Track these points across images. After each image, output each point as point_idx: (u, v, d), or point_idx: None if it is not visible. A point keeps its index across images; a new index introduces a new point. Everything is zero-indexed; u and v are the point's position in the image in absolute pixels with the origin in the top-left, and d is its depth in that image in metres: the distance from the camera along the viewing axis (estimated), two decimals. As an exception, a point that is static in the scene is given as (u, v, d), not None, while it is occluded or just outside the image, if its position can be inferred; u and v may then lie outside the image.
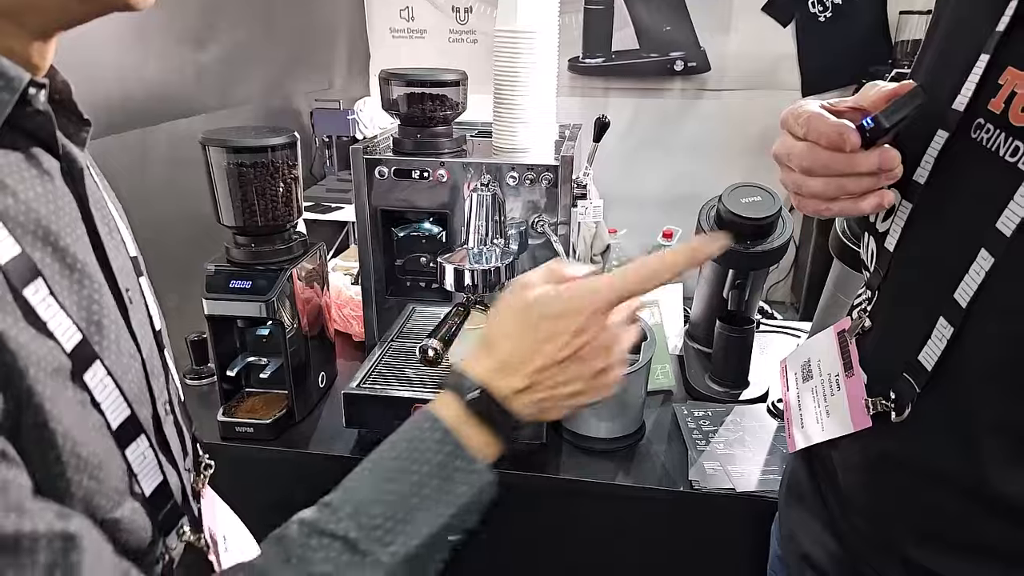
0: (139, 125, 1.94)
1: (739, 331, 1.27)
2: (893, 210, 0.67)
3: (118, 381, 0.52)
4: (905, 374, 0.62)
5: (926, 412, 0.61)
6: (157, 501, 0.58)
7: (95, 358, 0.50)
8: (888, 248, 0.67)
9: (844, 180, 0.63)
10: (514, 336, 0.60)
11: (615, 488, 1.09)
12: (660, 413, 1.28)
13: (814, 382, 0.78)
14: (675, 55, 2.96)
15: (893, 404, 0.64)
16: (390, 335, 1.32)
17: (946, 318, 0.58)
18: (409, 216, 1.27)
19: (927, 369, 0.60)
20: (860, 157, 0.61)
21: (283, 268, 1.17)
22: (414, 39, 3.38)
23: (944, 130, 0.61)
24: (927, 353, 0.60)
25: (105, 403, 0.51)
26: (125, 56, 1.89)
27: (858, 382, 0.70)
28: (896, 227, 0.67)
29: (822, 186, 0.64)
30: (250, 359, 1.23)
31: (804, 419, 0.78)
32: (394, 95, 1.21)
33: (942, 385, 0.59)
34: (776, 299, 3.30)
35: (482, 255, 1.14)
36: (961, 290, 0.57)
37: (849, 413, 0.69)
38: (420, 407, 0.60)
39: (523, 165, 1.17)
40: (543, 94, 1.23)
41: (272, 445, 1.18)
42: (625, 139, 3.14)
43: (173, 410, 0.64)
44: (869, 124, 0.60)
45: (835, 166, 0.63)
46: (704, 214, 1.28)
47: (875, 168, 0.61)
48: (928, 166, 0.63)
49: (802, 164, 0.64)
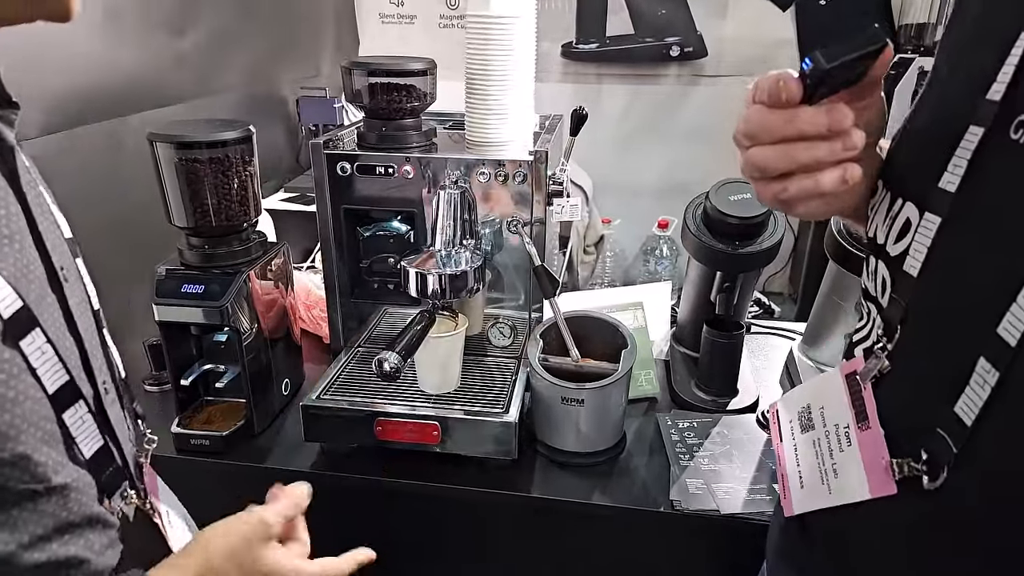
0: (113, 115, 1.87)
1: (727, 337, 1.19)
2: (909, 227, 0.56)
3: (58, 350, 0.54)
4: (939, 430, 0.51)
5: (963, 477, 0.50)
6: (99, 463, 0.59)
7: (35, 325, 0.51)
8: (910, 273, 0.55)
9: (792, 147, 0.54)
10: None
11: (590, 508, 1.02)
12: (643, 423, 1.21)
13: (816, 433, 0.66)
14: (671, 40, 2.87)
15: (925, 466, 0.52)
16: (358, 340, 1.25)
17: (988, 359, 0.47)
18: (375, 215, 1.20)
19: (966, 424, 0.49)
20: (802, 112, 0.52)
21: (239, 271, 1.10)
22: (403, 24, 3.29)
23: (978, 126, 0.50)
24: (965, 404, 0.49)
25: (42, 369, 0.52)
26: (97, 43, 1.80)
27: (876, 437, 0.58)
28: (919, 247, 0.54)
29: (769, 155, 0.55)
30: (207, 367, 1.16)
31: (804, 478, 0.67)
32: (356, 86, 1.13)
33: (984, 444, 0.48)
34: (773, 290, 3.22)
35: (450, 258, 1.07)
36: (1007, 324, 0.46)
37: (865, 474, 0.58)
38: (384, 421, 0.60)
39: (494, 161, 1.09)
40: (519, 85, 1.15)
41: (228, 459, 1.11)
42: (619, 126, 3.05)
43: (116, 387, 0.66)
44: (807, 65, 0.50)
45: (776, 127, 0.53)
46: (690, 212, 1.20)
47: (823, 127, 0.52)
48: (959, 171, 0.51)
49: (748, 130, 0.55)
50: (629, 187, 3.07)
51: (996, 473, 0.49)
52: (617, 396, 1.08)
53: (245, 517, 0.67)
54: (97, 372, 0.61)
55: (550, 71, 3.03)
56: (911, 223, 0.56)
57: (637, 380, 1.25)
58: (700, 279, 1.25)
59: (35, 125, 1.28)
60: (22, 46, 1.11)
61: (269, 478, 1.13)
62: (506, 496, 1.05)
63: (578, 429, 1.08)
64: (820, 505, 0.63)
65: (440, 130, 1.28)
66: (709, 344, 1.20)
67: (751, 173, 0.58)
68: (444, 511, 1.11)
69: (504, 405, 1.07)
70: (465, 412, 1.05)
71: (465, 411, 1.06)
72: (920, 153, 0.55)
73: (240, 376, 1.13)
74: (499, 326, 1.20)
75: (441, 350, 1.08)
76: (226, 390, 1.14)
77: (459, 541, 1.14)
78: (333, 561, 0.74)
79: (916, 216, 0.55)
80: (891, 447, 0.57)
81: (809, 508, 0.65)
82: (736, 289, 1.20)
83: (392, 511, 1.13)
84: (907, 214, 0.57)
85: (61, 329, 0.56)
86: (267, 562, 0.66)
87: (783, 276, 3.28)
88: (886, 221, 0.59)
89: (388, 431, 1.05)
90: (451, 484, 1.06)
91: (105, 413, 0.62)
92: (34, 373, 0.51)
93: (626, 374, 1.06)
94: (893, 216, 0.58)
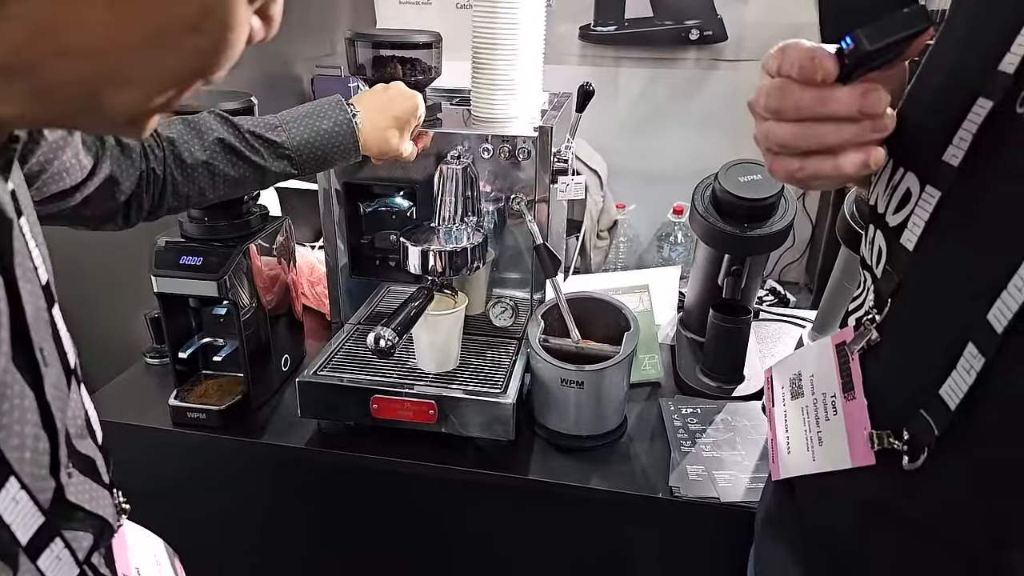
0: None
1: (734, 321, 1.16)
2: (909, 198, 0.53)
3: (32, 492, 0.45)
4: (922, 410, 0.49)
5: (944, 460, 0.49)
6: None
7: (10, 474, 0.43)
8: (906, 246, 0.53)
9: (819, 126, 0.51)
10: None
11: (586, 491, 1.00)
12: (645, 407, 1.18)
13: (805, 400, 0.65)
14: (690, 23, 2.81)
15: (906, 446, 0.51)
16: (359, 316, 1.23)
17: (976, 345, 0.45)
18: (377, 190, 1.18)
19: (949, 408, 0.47)
20: (837, 93, 0.49)
21: (238, 244, 1.08)
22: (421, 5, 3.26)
23: (987, 99, 0.47)
24: (951, 388, 0.47)
25: (15, 523, 0.44)
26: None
27: (860, 408, 0.57)
28: (917, 221, 0.52)
29: (792, 133, 0.52)
30: (206, 340, 1.15)
31: (791, 443, 0.65)
32: (360, 59, 1.11)
33: (967, 428, 0.47)
34: (790, 279, 3.17)
35: (451, 234, 1.05)
36: (997, 311, 0.44)
37: (847, 444, 0.57)
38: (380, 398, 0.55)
39: (498, 137, 1.07)
40: (526, 60, 1.12)
41: (224, 433, 1.10)
42: (636, 110, 3.01)
43: (93, 462, 0.56)
44: (847, 44, 0.48)
45: (806, 105, 0.50)
46: (699, 194, 1.17)
47: (855, 110, 0.49)
48: (964, 144, 0.48)
49: (770, 104, 0.52)
50: (645, 172, 3.03)
51: (976, 460, 0.47)
52: (618, 379, 1.06)
53: None
54: (63, 462, 0.50)
55: (568, 53, 2.99)
56: (911, 194, 0.53)
57: (641, 364, 1.23)
58: (708, 262, 1.22)
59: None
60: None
61: (264, 454, 1.13)
62: (502, 478, 1.03)
63: (577, 412, 1.06)
64: (804, 471, 0.62)
65: (447, 106, 1.25)
66: (715, 328, 1.18)
67: (768, 147, 0.55)
68: (440, 491, 1.10)
69: (503, 386, 1.05)
70: (463, 392, 1.04)
71: (463, 391, 1.04)
72: (927, 122, 0.52)
73: (238, 351, 1.12)
74: (501, 306, 1.18)
75: (439, 328, 1.06)
76: (224, 364, 1.13)
77: (454, 522, 1.13)
78: None
79: (917, 188, 0.52)
80: (875, 420, 0.55)
81: (794, 473, 0.64)
82: (744, 273, 1.17)
83: (387, 491, 1.12)
84: (908, 184, 0.54)
85: (25, 437, 0.46)
86: None
87: (799, 265, 3.23)
88: (887, 190, 0.56)
89: (384, 409, 1.04)
90: (448, 464, 1.05)
91: (69, 502, 0.52)
92: (7, 528, 0.44)
93: (627, 357, 1.04)
94: (894, 185, 0.55)
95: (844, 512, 0.59)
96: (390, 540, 1.16)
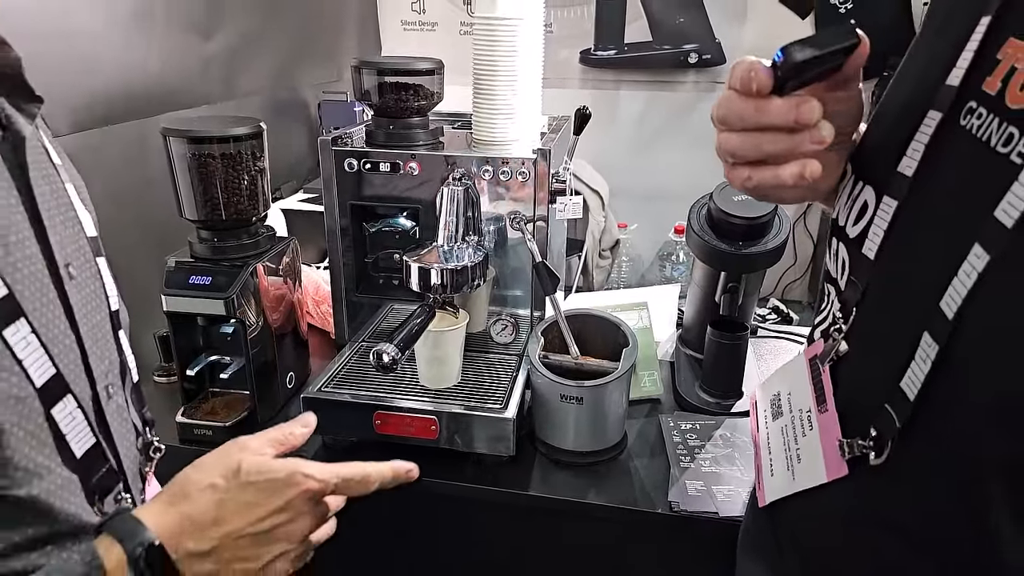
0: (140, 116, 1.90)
1: (731, 338, 1.18)
2: (866, 210, 0.56)
3: (45, 343, 0.52)
4: (887, 405, 0.50)
5: (912, 454, 0.49)
6: (90, 463, 0.57)
7: (19, 315, 0.50)
8: (867, 256, 0.55)
9: (759, 136, 0.54)
10: (215, 492, 0.56)
11: (585, 507, 1.02)
12: (645, 424, 1.20)
13: (784, 420, 0.66)
14: (689, 47, 2.85)
15: (872, 444, 0.51)
16: (362, 335, 1.26)
17: (931, 334, 0.46)
18: (381, 211, 1.21)
19: (909, 399, 0.48)
20: (771, 104, 0.52)
21: (246, 263, 1.11)
22: (425, 31, 3.32)
23: (936, 111, 0.50)
24: (910, 379, 0.48)
25: (28, 360, 0.51)
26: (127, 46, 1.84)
27: (832, 419, 0.58)
28: (876, 230, 0.54)
29: (738, 142, 0.55)
30: (213, 358, 1.17)
31: (774, 466, 0.66)
32: (366, 85, 1.15)
33: (930, 419, 0.47)
34: (793, 298, 3.18)
35: (453, 253, 1.08)
36: (948, 298, 0.45)
37: (823, 459, 0.57)
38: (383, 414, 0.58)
39: (498, 159, 1.10)
40: (525, 85, 1.15)
41: (231, 450, 1.12)
42: (637, 132, 3.05)
43: (124, 391, 0.64)
44: (779, 57, 0.50)
45: (747, 116, 0.53)
46: (695, 213, 1.20)
47: (791, 120, 0.52)
48: (916, 155, 0.51)
49: (718, 114, 0.55)
50: (646, 192, 3.05)
51: (936, 449, 0.48)
52: (617, 395, 1.08)
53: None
54: (98, 372, 0.59)
55: (570, 77, 3.04)
56: (868, 206, 0.56)
57: (641, 381, 1.25)
58: (705, 280, 1.25)
59: (66, 123, 1.31)
60: (55, 48, 1.13)
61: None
62: (503, 493, 1.05)
63: (577, 427, 1.07)
64: (786, 492, 0.63)
65: (449, 129, 1.29)
66: (713, 345, 1.20)
67: (722, 157, 0.58)
68: (441, 506, 1.12)
69: (503, 402, 1.07)
70: (464, 408, 1.06)
71: (464, 407, 1.06)
72: (884, 137, 0.55)
73: (245, 368, 1.14)
74: (501, 323, 1.20)
75: (441, 344, 1.08)
76: (231, 382, 1.16)
77: (455, 537, 1.14)
78: (359, 465, 0.65)
79: (873, 199, 0.55)
80: (846, 429, 0.57)
81: (778, 496, 0.64)
82: (741, 290, 1.19)
83: (389, 506, 1.14)
84: (865, 197, 0.57)
85: (59, 325, 0.55)
86: (249, 463, 0.58)
87: (802, 284, 3.24)
88: (847, 203, 0.59)
89: (386, 424, 1.06)
90: (449, 480, 1.06)
91: (103, 413, 0.60)
92: (20, 364, 0.50)
93: (626, 373, 1.06)
94: (854, 199, 0.58)
95: (817, 523, 0.60)
96: (391, 554, 1.17)
